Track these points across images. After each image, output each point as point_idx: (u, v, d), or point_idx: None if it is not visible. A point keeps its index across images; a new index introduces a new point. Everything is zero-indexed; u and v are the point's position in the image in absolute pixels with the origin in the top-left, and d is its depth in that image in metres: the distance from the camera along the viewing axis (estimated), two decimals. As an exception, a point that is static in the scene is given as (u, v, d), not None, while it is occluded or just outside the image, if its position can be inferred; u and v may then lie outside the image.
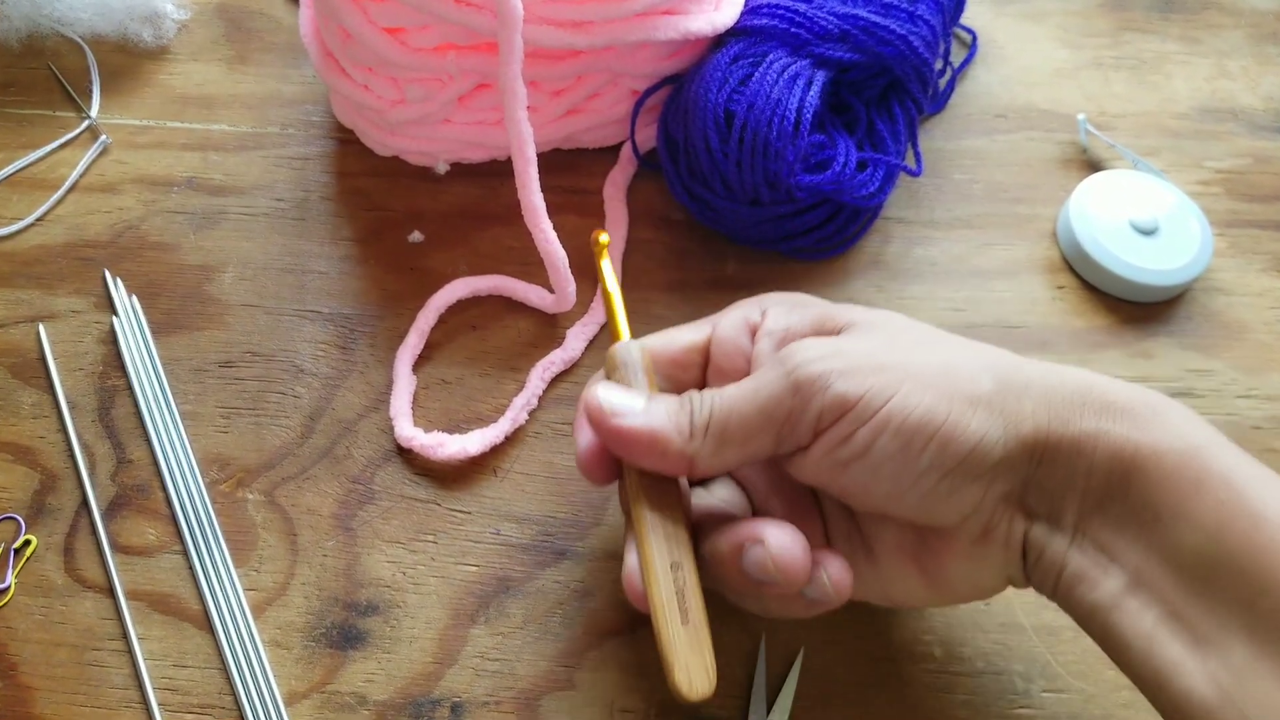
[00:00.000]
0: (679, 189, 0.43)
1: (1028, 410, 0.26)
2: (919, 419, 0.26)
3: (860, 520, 0.30)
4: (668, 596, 0.28)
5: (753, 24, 0.42)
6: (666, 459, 0.28)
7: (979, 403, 0.26)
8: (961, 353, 0.28)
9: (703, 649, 0.28)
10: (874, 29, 0.41)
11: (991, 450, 0.26)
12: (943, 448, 0.26)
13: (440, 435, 0.38)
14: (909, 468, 0.26)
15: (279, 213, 0.45)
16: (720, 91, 0.40)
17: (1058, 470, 0.26)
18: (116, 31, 0.52)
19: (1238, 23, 0.54)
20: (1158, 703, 0.25)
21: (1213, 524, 0.24)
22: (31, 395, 0.40)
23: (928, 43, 0.43)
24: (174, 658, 0.34)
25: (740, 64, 0.41)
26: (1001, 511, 0.27)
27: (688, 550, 0.29)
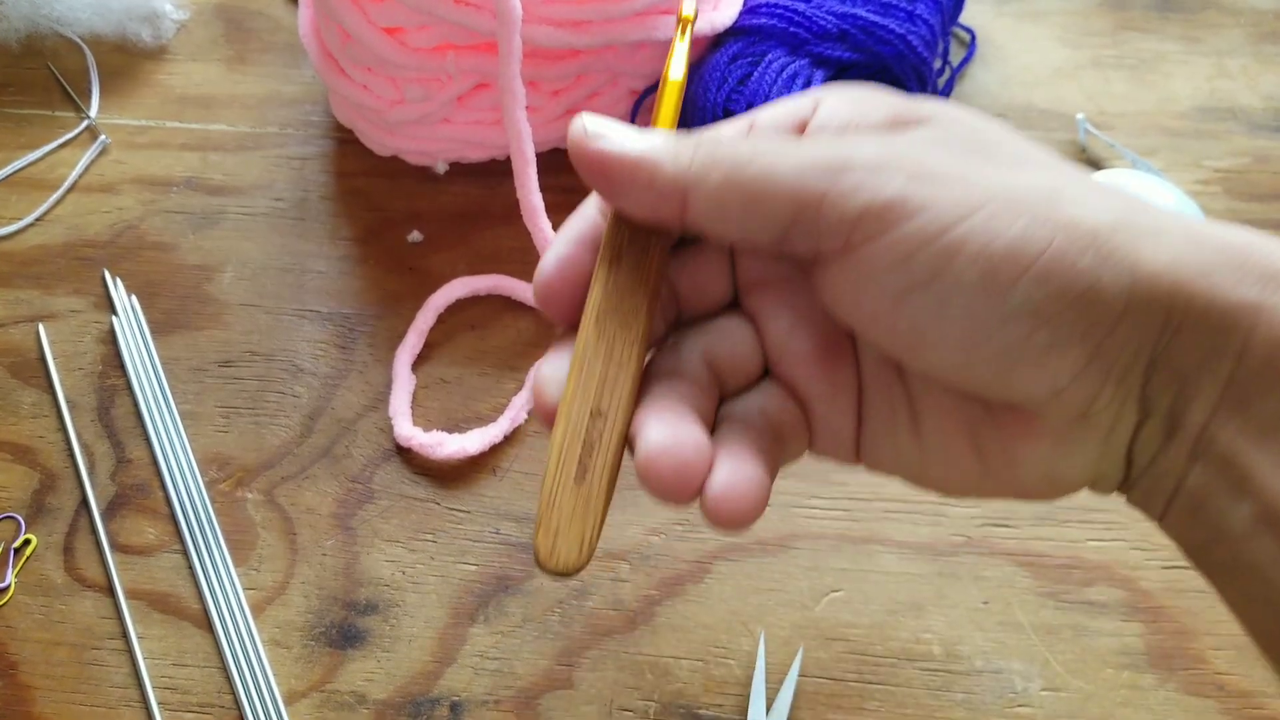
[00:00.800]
0: None
1: (1164, 258, 0.19)
2: (1009, 244, 0.19)
3: (908, 381, 0.23)
4: (568, 444, 0.22)
5: (751, 23, 0.42)
6: (653, 190, 0.21)
7: (1096, 236, 0.19)
8: (1074, 177, 0.21)
9: (587, 518, 0.22)
10: (872, 28, 0.41)
11: (1109, 300, 0.19)
12: (1042, 282, 0.19)
13: (439, 434, 0.38)
14: (992, 307, 0.19)
15: (278, 212, 0.46)
16: (719, 91, 0.40)
17: (1197, 347, 0.19)
18: (115, 31, 0.52)
19: (1237, 22, 0.54)
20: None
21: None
22: (31, 395, 0.40)
23: (926, 42, 0.43)
24: (173, 657, 0.34)
25: (739, 63, 0.41)
26: (1110, 392, 0.20)
27: (624, 399, 0.22)
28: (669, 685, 0.33)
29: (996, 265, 0.19)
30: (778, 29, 0.41)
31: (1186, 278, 0.19)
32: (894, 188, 0.19)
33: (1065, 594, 0.35)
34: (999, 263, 0.19)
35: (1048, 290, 0.19)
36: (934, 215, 0.19)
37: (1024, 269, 0.19)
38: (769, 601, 0.35)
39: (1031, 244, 0.19)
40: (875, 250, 0.20)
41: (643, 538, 0.36)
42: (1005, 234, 0.19)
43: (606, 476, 0.22)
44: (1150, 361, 0.20)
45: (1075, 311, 0.19)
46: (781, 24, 0.41)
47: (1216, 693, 0.33)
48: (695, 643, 0.34)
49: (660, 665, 0.34)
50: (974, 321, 0.19)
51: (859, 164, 0.20)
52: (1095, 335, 0.19)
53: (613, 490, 0.22)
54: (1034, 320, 0.19)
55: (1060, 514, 0.36)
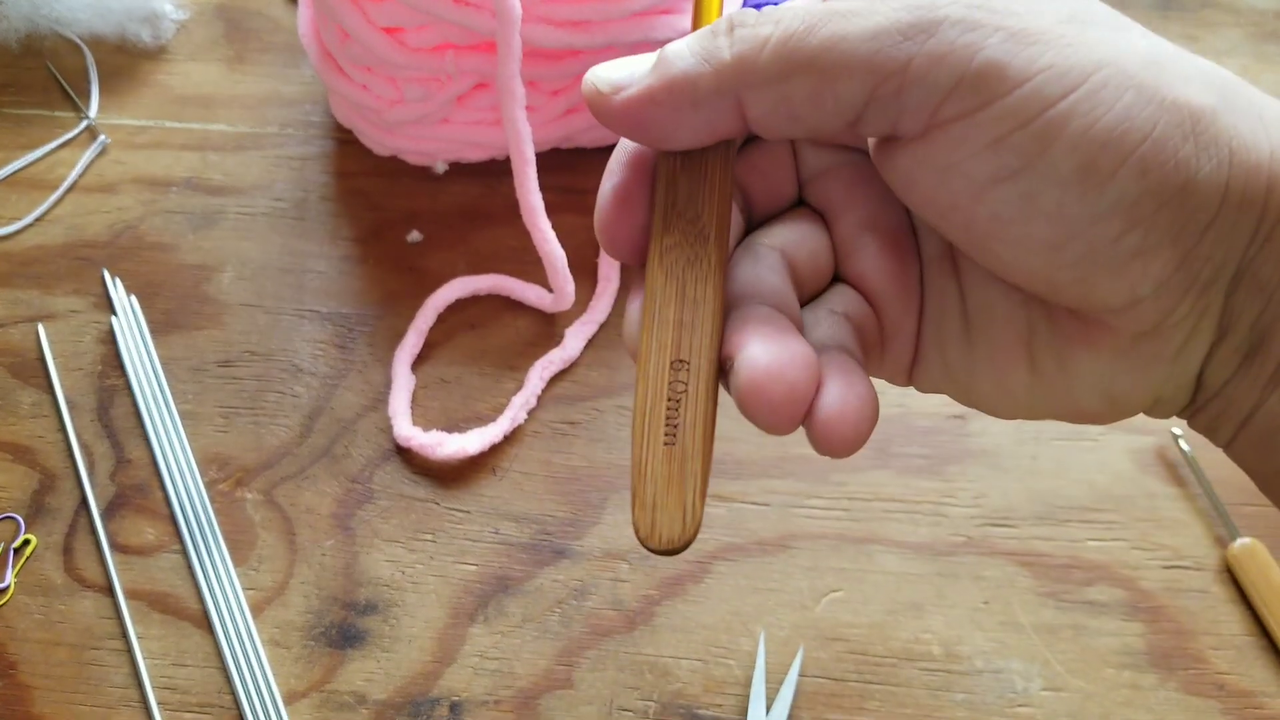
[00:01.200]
0: None
1: (1264, 148, 0.17)
2: (1110, 125, 0.16)
3: (963, 278, 0.21)
4: (652, 404, 0.19)
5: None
6: (701, 111, 0.18)
7: (1199, 120, 0.17)
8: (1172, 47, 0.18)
9: (685, 484, 0.19)
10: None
11: (1206, 196, 0.17)
12: (1141, 175, 0.16)
13: (439, 434, 0.38)
14: (1086, 204, 0.17)
15: (278, 212, 0.46)
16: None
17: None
18: (115, 32, 0.52)
19: (1237, 21, 0.54)
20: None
21: None
22: (31, 395, 0.40)
23: None
24: (173, 657, 0.34)
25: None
26: (1190, 304, 0.18)
27: (706, 342, 0.19)
28: (669, 685, 0.33)
29: (1096, 153, 0.16)
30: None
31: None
32: (991, 50, 0.16)
33: (1065, 594, 0.35)
34: (1098, 150, 0.16)
35: (1146, 185, 0.16)
36: (1035, 86, 0.16)
37: (1124, 158, 0.16)
38: (769, 601, 0.35)
39: (1135, 127, 0.16)
40: (963, 130, 0.17)
41: (642, 538, 0.36)
42: (1109, 114, 0.16)
43: (701, 433, 0.19)
44: (1237, 272, 0.17)
45: (1170, 210, 0.17)
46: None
47: (1216, 693, 0.33)
48: (695, 643, 0.34)
49: (660, 665, 0.33)
50: (1063, 219, 0.17)
51: (950, 20, 0.16)
52: (1187, 238, 0.17)
53: (711, 446, 0.19)
54: (1127, 220, 0.17)
55: (1060, 514, 0.36)
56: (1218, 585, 0.35)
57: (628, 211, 0.20)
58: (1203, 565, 0.36)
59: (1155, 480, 0.38)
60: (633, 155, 0.20)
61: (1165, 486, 0.38)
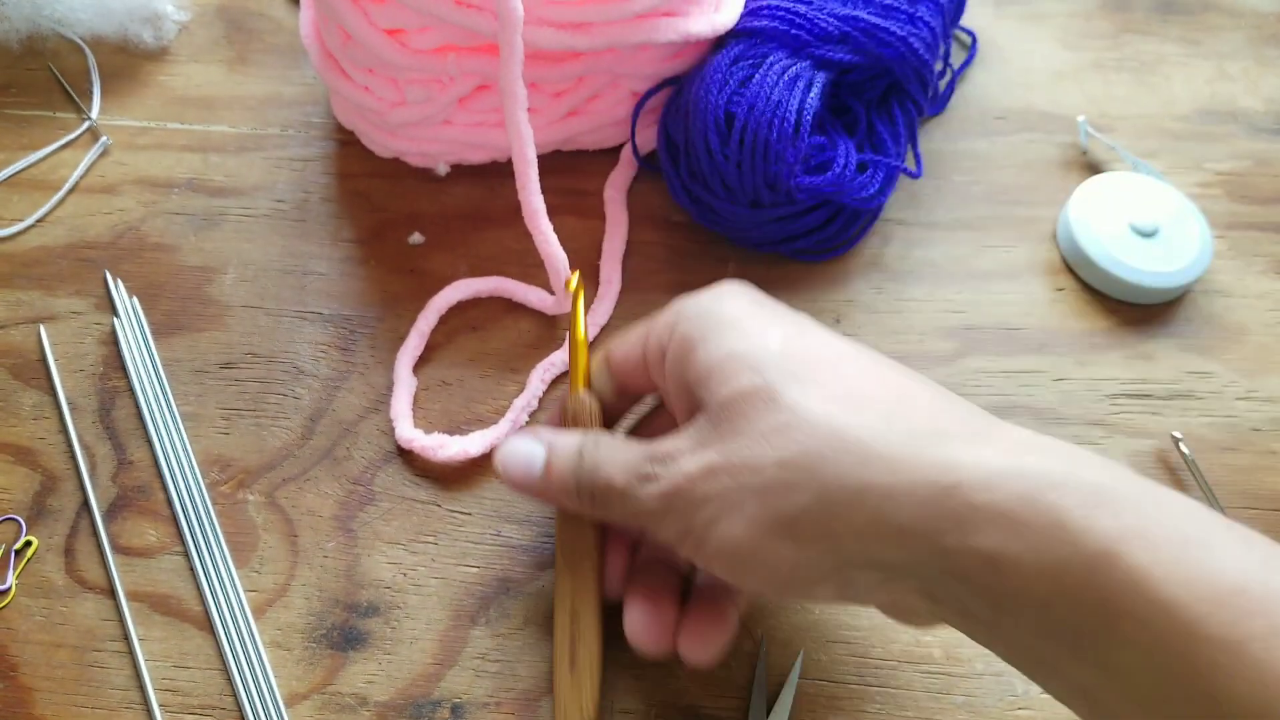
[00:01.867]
0: (679, 191, 0.43)
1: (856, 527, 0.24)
2: (730, 553, 0.26)
3: None
4: (560, 642, 0.32)
5: (753, 25, 0.42)
6: (566, 507, 0.31)
7: (792, 526, 0.25)
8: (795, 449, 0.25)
9: (582, 693, 0.31)
10: (874, 31, 0.41)
11: (816, 572, 0.25)
12: (765, 574, 0.26)
13: (441, 436, 0.38)
14: (744, 585, 0.28)
15: (279, 214, 0.46)
16: (721, 93, 0.40)
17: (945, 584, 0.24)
18: (117, 32, 0.52)
19: (1238, 24, 0.54)
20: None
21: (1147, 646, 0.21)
22: (32, 396, 0.40)
23: (928, 44, 0.42)
24: (174, 659, 0.34)
25: (741, 65, 0.41)
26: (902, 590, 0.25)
27: (589, 600, 0.32)
28: (670, 687, 0.33)
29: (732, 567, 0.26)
30: (779, 31, 0.41)
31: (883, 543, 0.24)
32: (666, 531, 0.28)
33: (1066, 597, 0.35)
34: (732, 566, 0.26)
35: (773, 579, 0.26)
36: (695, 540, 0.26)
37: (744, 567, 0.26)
38: (770, 604, 0.35)
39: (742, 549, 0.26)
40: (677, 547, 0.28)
41: (644, 540, 0.36)
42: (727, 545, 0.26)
43: (593, 657, 0.31)
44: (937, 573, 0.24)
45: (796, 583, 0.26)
46: (783, 26, 0.41)
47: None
48: (696, 645, 0.34)
49: (661, 667, 0.34)
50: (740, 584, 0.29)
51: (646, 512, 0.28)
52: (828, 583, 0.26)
53: (599, 668, 0.32)
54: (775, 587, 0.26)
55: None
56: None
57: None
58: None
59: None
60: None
61: (1166, 490, 0.38)
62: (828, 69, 0.41)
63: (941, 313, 0.42)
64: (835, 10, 0.41)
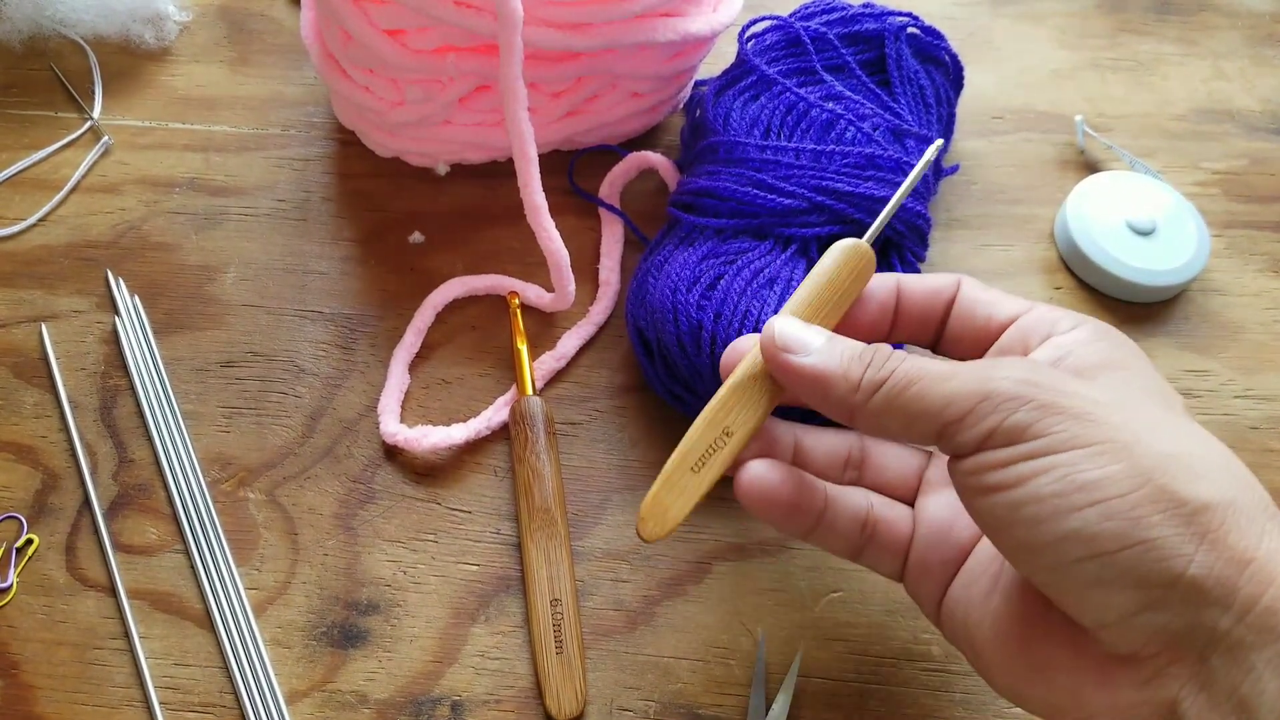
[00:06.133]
0: (660, 388, 0.38)
1: (1247, 553, 0.21)
2: (1090, 480, 0.22)
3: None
4: (544, 629, 0.33)
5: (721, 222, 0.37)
6: (827, 403, 0.27)
7: (1183, 506, 0.21)
8: (1206, 450, 0.23)
9: (574, 676, 0.32)
10: (851, 198, 0.37)
11: (1169, 565, 0.21)
12: (1100, 521, 0.21)
13: (424, 428, 0.38)
14: (1053, 524, 0.22)
15: (280, 213, 0.46)
16: (690, 292, 0.36)
17: (1262, 643, 0.21)
18: (118, 33, 0.52)
19: (1234, 24, 0.54)
20: None
21: None
22: (34, 395, 0.40)
23: (917, 192, 0.39)
24: (175, 656, 0.34)
25: (710, 264, 0.37)
26: (1160, 646, 0.22)
27: (568, 588, 0.34)
28: (669, 685, 0.33)
29: (1070, 492, 0.22)
30: (745, 218, 0.37)
31: (1273, 577, 0.21)
32: (1019, 417, 0.23)
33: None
34: (1073, 491, 0.22)
35: (1105, 528, 0.21)
36: (1046, 442, 0.23)
37: (1092, 502, 0.22)
38: (769, 601, 0.35)
39: (1111, 485, 0.22)
40: (993, 455, 0.23)
41: (643, 538, 0.36)
42: (1094, 471, 0.22)
43: (577, 641, 0.33)
44: (1212, 640, 0.21)
45: (1130, 559, 0.21)
46: (746, 215, 0.37)
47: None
48: (695, 643, 0.34)
49: (660, 665, 0.34)
50: (1036, 529, 0.22)
51: (997, 395, 0.23)
52: (1151, 590, 0.21)
53: (583, 649, 0.33)
54: (1086, 549, 0.22)
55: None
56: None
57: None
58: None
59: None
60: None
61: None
62: (807, 245, 0.37)
63: (940, 311, 0.42)
64: (806, 176, 0.37)
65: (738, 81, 0.42)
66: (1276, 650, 0.20)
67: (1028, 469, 0.23)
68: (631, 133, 0.47)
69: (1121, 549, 0.21)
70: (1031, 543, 0.23)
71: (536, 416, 0.37)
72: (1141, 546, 0.21)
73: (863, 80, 0.41)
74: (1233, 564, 0.21)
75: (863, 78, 0.41)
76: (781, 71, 0.41)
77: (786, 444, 0.30)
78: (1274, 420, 0.39)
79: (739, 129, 0.40)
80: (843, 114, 0.39)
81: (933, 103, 0.42)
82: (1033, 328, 0.28)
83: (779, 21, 0.43)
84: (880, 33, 0.43)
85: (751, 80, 0.42)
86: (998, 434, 0.23)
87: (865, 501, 0.30)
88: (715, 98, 0.42)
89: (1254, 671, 0.21)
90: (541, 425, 0.37)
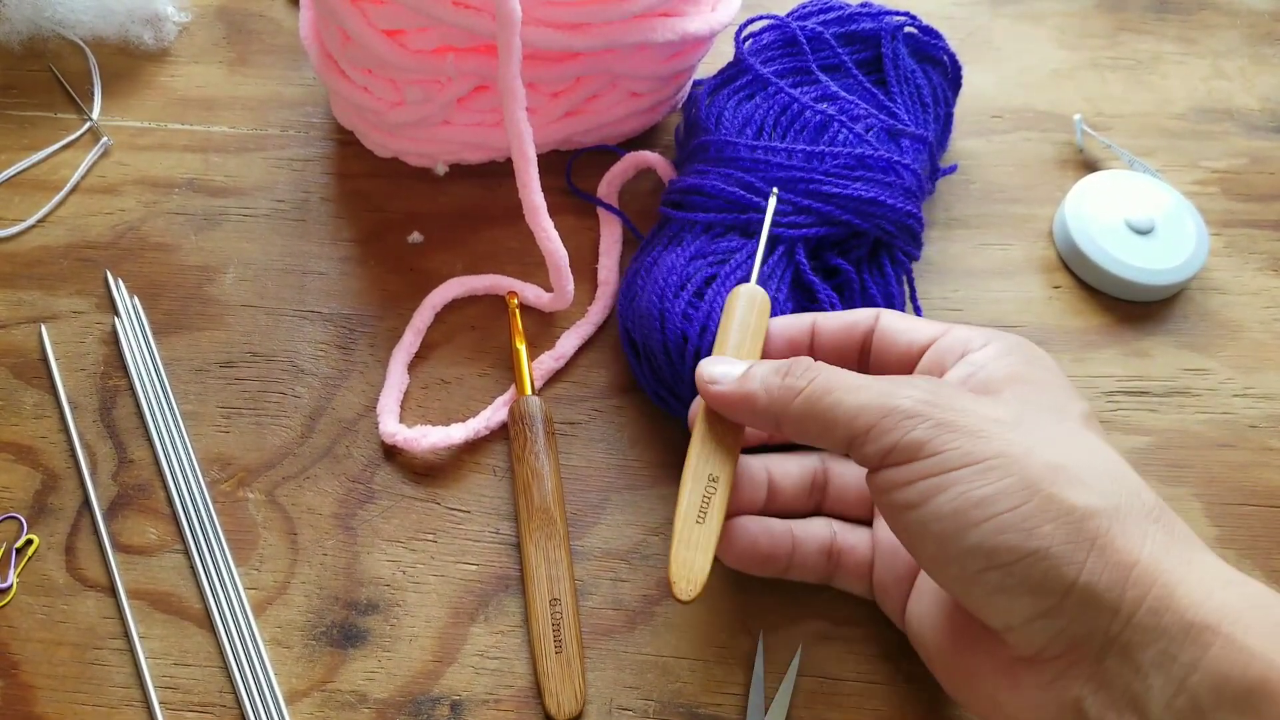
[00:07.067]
0: (648, 388, 0.38)
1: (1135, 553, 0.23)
2: (983, 495, 0.24)
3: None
4: (543, 629, 0.33)
5: (710, 217, 0.38)
6: (756, 417, 0.29)
7: (1072, 513, 0.23)
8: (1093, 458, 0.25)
9: (573, 676, 0.33)
10: (840, 200, 0.36)
11: (1062, 573, 0.23)
12: (997, 532, 0.23)
13: (423, 428, 0.38)
14: (955, 540, 0.24)
15: (279, 214, 0.46)
16: (677, 297, 0.36)
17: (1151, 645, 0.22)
18: (117, 34, 0.52)
19: (1233, 23, 0.54)
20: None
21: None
22: (33, 395, 0.40)
23: (910, 192, 0.38)
24: (175, 656, 0.34)
25: (698, 264, 0.36)
26: (1061, 649, 0.24)
27: (567, 588, 0.34)
28: (669, 685, 0.33)
29: (966, 510, 0.24)
30: (733, 222, 0.37)
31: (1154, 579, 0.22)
32: (916, 434, 0.25)
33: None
34: (969, 509, 0.24)
35: (1000, 542, 0.23)
36: (940, 460, 0.24)
37: (987, 517, 0.23)
38: (769, 601, 0.35)
39: (1003, 500, 0.23)
40: (896, 473, 0.25)
41: (642, 538, 0.36)
42: (986, 488, 0.24)
43: (576, 642, 0.33)
44: (1106, 640, 0.23)
45: (1026, 568, 0.23)
46: (734, 213, 0.37)
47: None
48: (695, 642, 0.34)
49: (660, 665, 0.34)
50: (941, 545, 0.25)
51: (898, 411, 0.25)
52: (1047, 596, 0.23)
53: (582, 648, 0.33)
54: (986, 561, 0.24)
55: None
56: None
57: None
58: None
59: (1153, 481, 0.38)
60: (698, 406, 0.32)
61: (1162, 487, 0.38)
62: (795, 245, 0.37)
63: (938, 311, 0.42)
64: (794, 179, 0.37)
65: (732, 81, 0.42)
66: (1159, 649, 0.22)
67: (928, 486, 0.25)
68: (630, 133, 0.47)
69: (1017, 560, 0.23)
70: (939, 556, 0.25)
71: (535, 416, 0.37)
72: (1035, 556, 0.23)
73: (859, 80, 0.41)
74: (1120, 568, 0.23)
75: (859, 77, 0.41)
76: (777, 71, 0.41)
77: (761, 480, 0.33)
78: (1273, 419, 0.39)
79: (730, 129, 0.40)
80: (836, 115, 0.39)
81: (930, 102, 0.42)
82: (949, 348, 0.30)
83: (776, 21, 0.43)
84: (877, 32, 0.43)
85: (746, 80, 0.42)
86: (897, 449, 0.25)
87: (829, 531, 0.33)
88: (709, 97, 0.42)
89: (1141, 670, 0.22)
90: (540, 425, 0.37)
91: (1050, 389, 0.28)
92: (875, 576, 0.32)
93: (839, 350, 0.32)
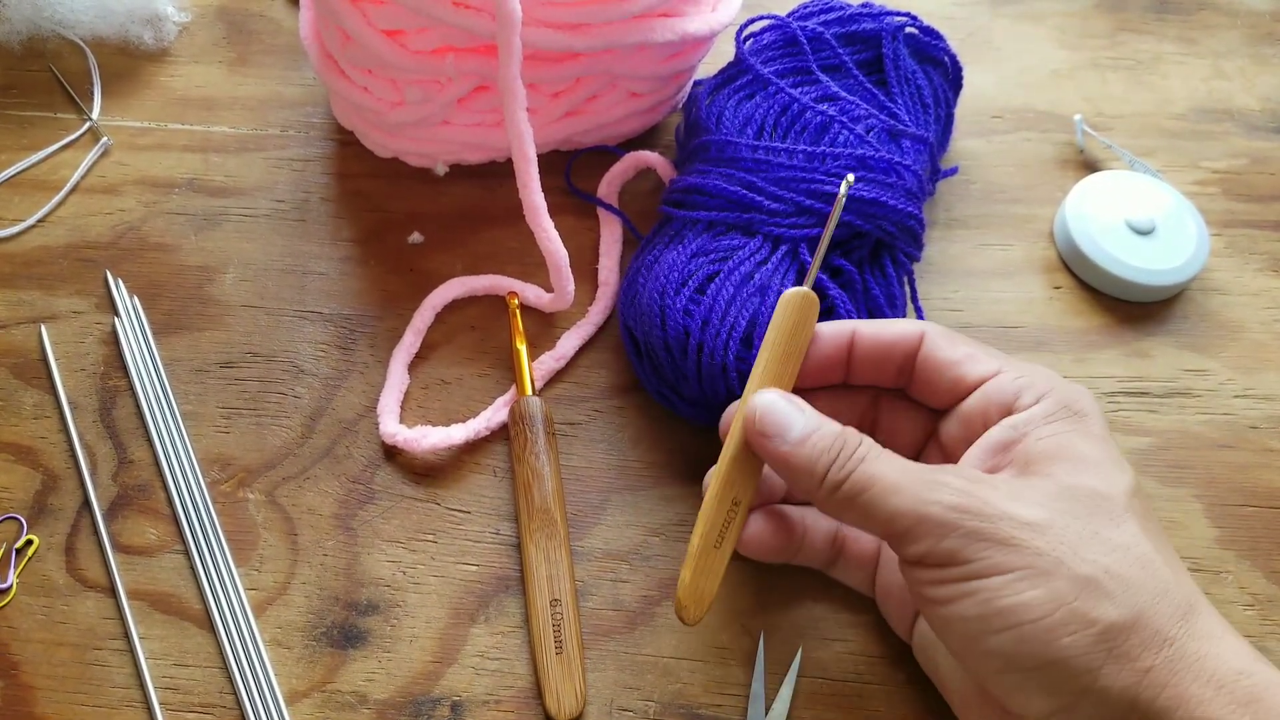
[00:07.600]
0: (650, 387, 0.38)
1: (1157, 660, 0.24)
2: (1008, 605, 0.25)
3: None
4: (544, 629, 0.33)
5: (711, 215, 0.37)
6: (795, 487, 0.30)
7: (1093, 626, 0.24)
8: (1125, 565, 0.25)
9: (573, 676, 0.33)
10: (834, 200, 0.36)
11: (1079, 680, 0.24)
12: (1017, 643, 0.25)
13: (424, 428, 0.38)
14: (978, 641, 0.25)
15: (279, 214, 0.46)
16: (678, 295, 0.36)
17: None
18: (117, 34, 0.52)
19: (1234, 23, 0.54)
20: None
21: None
22: (33, 396, 0.40)
23: (910, 193, 0.37)
24: (175, 657, 0.34)
25: (700, 262, 0.36)
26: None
27: (567, 588, 0.34)
28: (669, 685, 0.33)
29: (991, 614, 0.25)
30: (732, 215, 0.37)
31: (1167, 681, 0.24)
32: (949, 543, 0.26)
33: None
34: (994, 614, 0.25)
35: (1022, 649, 0.25)
36: (970, 568, 0.26)
37: (1009, 626, 0.25)
38: (769, 601, 0.35)
39: (1026, 611, 0.25)
40: (928, 573, 0.27)
41: (643, 538, 0.36)
42: (1013, 599, 0.25)
43: (577, 641, 0.33)
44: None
45: (1045, 674, 0.25)
46: (736, 212, 0.37)
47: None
48: (695, 643, 0.34)
49: (660, 665, 0.34)
50: (966, 640, 0.26)
51: (930, 520, 0.26)
52: (1062, 696, 0.25)
53: (582, 648, 0.33)
54: (1005, 662, 0.25)
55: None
56: (1215, 587, 0.35)
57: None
58: (1200, 566, 0.36)
59: (1153, 482, 0.38)
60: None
61: (1162, 488, 0.38)
62: (797, 246, 0.36)
63: (939, 311, 0.42)
64: (795, 179, 0.37)
65: (733, 81, 0.42)
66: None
67: (955, 590, 0.26)
68: (630, 133, 0.47)
69: (1036, 667, 0.25)
70: (961, 650, 0.27)
71: (536, 417, 0.37)
72: (1054, 665, 0.24)
73: (859, 80, 0.41)
74: (1135, 673, 0.24)
75: (859, 78, 0.41)
76: (777, 71, 0.41)
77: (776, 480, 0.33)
78: (1274, 420, 0.39)
79: (731, 128, 0.40)
80: (836, 115, 0.39)
81: (930, 103, 0.42)
82: (995, 399, 0.30)
83: (776, 21, 0.43)
84: (878, 33, 0.43)
85: (746, 80, 0.41)
86: (930, 556, 0.26)
87: (836, 521, 0.32)
88: (710, 97, 0.42)
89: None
90: (541, 425, 0.37)
91: (1095, 466, 0.27)
92: (880, 580, 0.33)
93: (877, 367, 0.32)
